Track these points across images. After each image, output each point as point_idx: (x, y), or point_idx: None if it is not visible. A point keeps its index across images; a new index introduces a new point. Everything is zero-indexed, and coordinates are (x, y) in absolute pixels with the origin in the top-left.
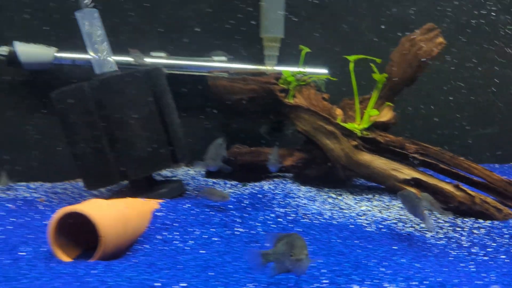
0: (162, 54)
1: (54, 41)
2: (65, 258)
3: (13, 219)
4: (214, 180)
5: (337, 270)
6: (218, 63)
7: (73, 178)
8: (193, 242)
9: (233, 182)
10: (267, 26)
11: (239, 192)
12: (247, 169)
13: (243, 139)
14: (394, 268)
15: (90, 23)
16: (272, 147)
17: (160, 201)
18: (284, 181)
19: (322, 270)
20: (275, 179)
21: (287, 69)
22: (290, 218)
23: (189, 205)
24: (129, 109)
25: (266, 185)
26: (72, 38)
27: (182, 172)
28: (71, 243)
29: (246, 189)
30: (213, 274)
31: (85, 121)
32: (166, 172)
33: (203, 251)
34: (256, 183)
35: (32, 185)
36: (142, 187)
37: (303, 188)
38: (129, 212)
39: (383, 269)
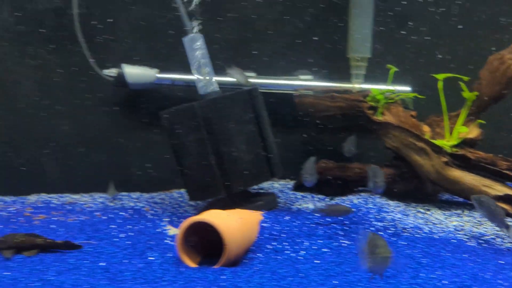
0: (252, 74)
1: (155, 63)
2: (191, 264)
3: (130, 226)
4: (302, 194)
5: (458, 281)
6: (304, 81)
7: (168, 189)
8: (304, 252)
9: (320, 196)
10: (355, 46)
11: None
12: (333, 184)
13: (327, 155)
14: (510, 281)
15: (196, 47)
16: (352, 162)
17: (261, 212)
18: (371, 196)
19: (444, 281)
20: (362, 194)
21: (375, 87)
22: (390, 231)
23: (289, 217)
24: (234, 126)
25: (354, 199)
26: (172, 60)
27: (268, 185)
28: (192, 250)
29: (336, 203)
30: (337, 282)
31: (194, 137)
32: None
33: (318, 261)
34: (343, 197)
35: (133, 195)
36: (238, 199)
37: (391, 202)
38: (243, 222)
39: (501, 281)
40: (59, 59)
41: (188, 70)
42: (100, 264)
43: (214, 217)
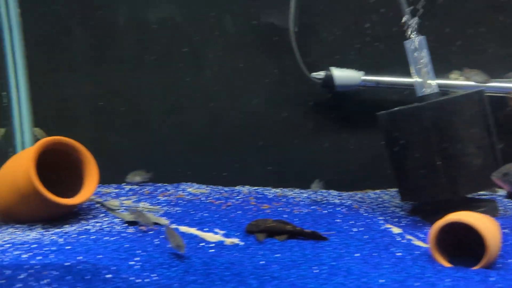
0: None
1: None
2: (446, 264)
3: (352, 222)
4: None
5: None
6: None
7: (362, 189)
8: None
9: None
10: None
11: None
12: None
13: None
14: None
15: (418, 48)
16: None
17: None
18: None
19: None
20: None
21: None
22: None
23: None
24: (465, 129)
25: None
26: (374, 64)
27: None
28: (441, 249)
29: None
30: None
31: (417, 138)
32: None
33: None
34: None
35: (332, 193)
36: (456, 203)
37: None
38: (491, 225)
39: None
40: (273, 62)
41: (392, 73)
42: (355, 255)
43: (473, 218)
